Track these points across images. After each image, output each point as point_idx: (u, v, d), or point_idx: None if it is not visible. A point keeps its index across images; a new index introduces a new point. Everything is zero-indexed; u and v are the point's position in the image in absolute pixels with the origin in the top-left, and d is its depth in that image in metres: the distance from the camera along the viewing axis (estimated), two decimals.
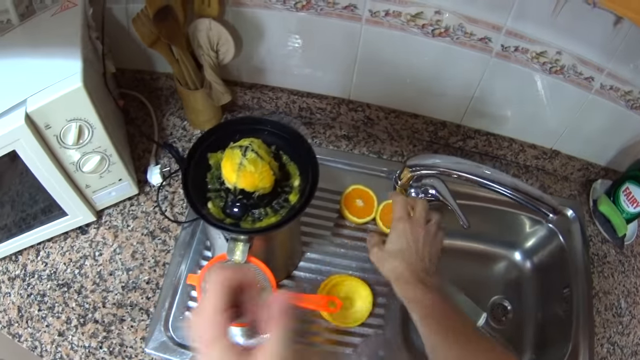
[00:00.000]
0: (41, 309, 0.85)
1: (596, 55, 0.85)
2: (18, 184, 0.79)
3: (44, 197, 0.82)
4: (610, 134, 1.00)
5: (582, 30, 0.81)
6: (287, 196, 0.71)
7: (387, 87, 1.00)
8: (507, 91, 0.95)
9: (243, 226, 0.69)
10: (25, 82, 0.72)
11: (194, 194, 0.69)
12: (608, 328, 0.93)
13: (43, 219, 0.87)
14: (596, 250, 1.01)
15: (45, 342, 0.83)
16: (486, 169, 0.77)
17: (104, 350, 0.82)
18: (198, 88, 0.93)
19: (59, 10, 0.83)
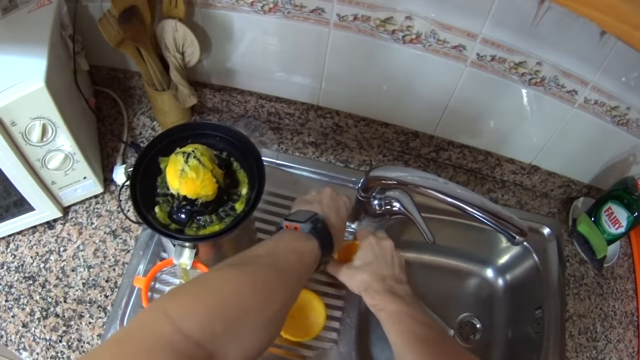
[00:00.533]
0: (8, 300, 0.88)
1: (580, 67, 0.83)
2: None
3: (10, 193, 0.85)
4: (594, 151, 0.98)
5: (565, 40, 0.79)
6: (234, 204, 0.72)
7: (357, 94, 0.99)
8: (484, 102, 0.94)
9: (187, 233, 0.70)
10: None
11: (143, 197, 0.71)
12: (581, 353, 0.91)
13: (14, 212, 0.90)
14: (573, 271, 0.99)
15: (11, 332, 0.86)
16: (454, 187, 0.75)
17: (63, 344, 0.85)
18: (165, 89, 0.94)
19: (35, 7, 0.86)
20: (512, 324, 1.01)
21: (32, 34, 0.82)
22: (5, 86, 0.73)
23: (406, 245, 1.02)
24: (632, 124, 0.90)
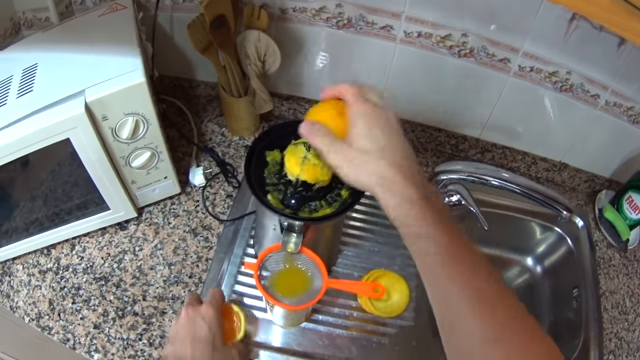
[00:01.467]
0: (75, 302, 0.91)
1: (601, 74, 1.01)
2: (59, 176, 0.85)
3: (86, 191, 0.89)
4: (613, 147, 1.17)
5: (590, 52, 0.98)
6: (339, 191, 0.83)
7: (415, 102, 1.15)
8: (522, 108, 1.11)
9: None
10: (83, 75, 0.78)
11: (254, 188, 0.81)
12: (615, 324, 1.07)
13: (79, 214, 0.94)
14: (602, 254, 1.17)
15: (79, 334, 0.88)
16: (505, 172, 0.92)
17: (144, 342, 0.89)
18: (242, 96, 1.06)
19: (107, 11, 0.93)
20: (553, 305, 1.17)
21: (118, 34, 0.87)
22: (99, 80, 0.77)
23: None
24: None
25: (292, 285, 0.83)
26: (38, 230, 0.93)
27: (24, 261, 0.96)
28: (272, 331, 0.94)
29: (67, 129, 0.76)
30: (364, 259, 1.04)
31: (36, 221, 0.91)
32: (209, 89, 1.19)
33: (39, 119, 0.75)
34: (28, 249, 0.96)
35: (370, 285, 0.87)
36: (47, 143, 0.76)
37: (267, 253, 0.83)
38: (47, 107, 0.75)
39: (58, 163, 0.82)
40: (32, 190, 0.86)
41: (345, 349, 0.93)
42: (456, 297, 0.52)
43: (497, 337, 0.50)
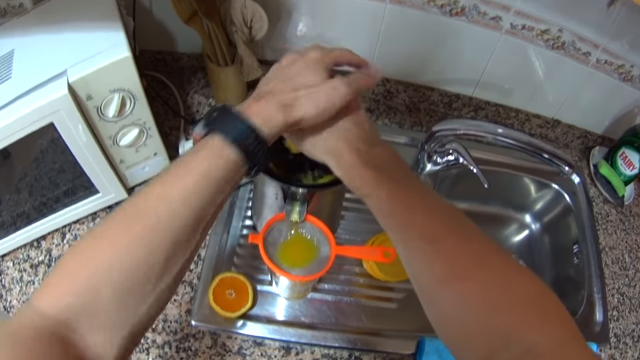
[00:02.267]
0: None
1: (592, 32, 1.02)
2: (44, 163, 0.81)
3: (73, 176, 0.86)
4: (605, 104, 1.19)
5: (581, 10, 0.98)
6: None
7: (406, 62, 1.14)
8: (515, 65, 1.11)
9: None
10: (64, 56, 0.75)
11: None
12: (616, 280, 1.09)
13: (67, 201, 0.90)
14: (599, 210, 1.18)
15: None
16: (502, 128, 0.91)
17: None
18: (228, 64, 1.03)
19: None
20: (554, 262, 1.18)
21: (98, 11, 0.82)
22: (81, 58, 0.73)
23: (457, 196, 1.19)
24: (635, 79, 1.11)
25: (298, 256, 0.81)
26: (26, 222, 0.89)
27: (14, 257, 0.93)
28: (277, 304, 0.93)
29: (50, 113, 0.73)
30: (366, 224, 1.03)
31: (23, 214, 0.87)
32: (192, 60, 1.16)
33: (19, 106, 0.71)
34: (17, 243, 0.92)
35: (379, 249, 0.86)
36: (29, 130, 0.73)
37: (271, 223, 0.81)
38: (27, 93, 0.71)
39: (42, 150, 0.79)
40: (17, 182, 0.82)
41: (353, 317, 0.93)
42: (414, 242, 0.54)
43: (462, 275, 0.50)
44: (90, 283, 0.44)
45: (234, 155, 0.49)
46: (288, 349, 0.89)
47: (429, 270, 0.52)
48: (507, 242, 1.25)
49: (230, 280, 0.90)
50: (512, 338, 0.46)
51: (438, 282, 0.51)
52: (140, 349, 0.85)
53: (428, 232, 0.53)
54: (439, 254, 0.52)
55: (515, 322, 0.47)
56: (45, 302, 0.44)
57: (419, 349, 0.89)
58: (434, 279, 0.52)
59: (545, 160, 0.89)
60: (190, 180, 0.47)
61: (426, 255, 0.52)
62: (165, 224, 0.47)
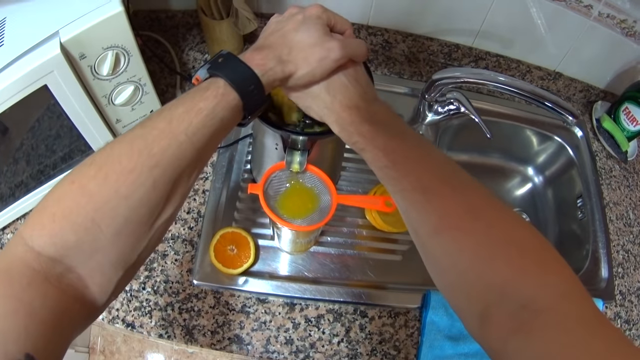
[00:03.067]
0: None
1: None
2: (39, 130, 0.79)
3: (70, 140, 0.84)
4: (607, 59, 1.16)
5: None
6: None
7: (404, 11, 1.11)
8: (515, 15, 1.08)
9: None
10: (55, 17, 0.72)
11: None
12: (621, 236, 1.07)
13: (64, 166, 0.88)
14: (602, 164, 1.16)
15: None
16: (504, 77, 0.88)
17: (148, 291, 0.85)
18: (223, 18, 1.00)
19: None
20: (558, 216, 1.16)
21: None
22: (73, 18, 0.71)
23: (459, 148, 1.17)
24: (638, 35, 1.08)
25: (299, 206, 0.79)
26: (24, 192, 0.87)
27: (14, 228, 0.91)
28: (280, 259, 0.91)
29: (43, 75, 0.70)
30: (367, 174, 1.01)
31: (22, 184, 0.86)
32: (187, 17, 1.13)
33: (13, 71, 0.68)
34: (16, 214, 0.90)
35: (381, 199, 0.83)
36: (24, 94, 0.71)
37: (271, 172, 0.78)
38: (19, 57, 0.69)
39: (38, 117, 0.77)
40: (14, 152, 0.80)
41: (357, 271, 0.91)
42: (410, 193, 0.53)
43: (455, 224, 0.50)
44: (90, 219, 0.43)
45: (236, 99, 0.50)
46: (292, 305, 0.87)
47: (424, 221, 0.52)
48: (510, 195, 1.23)
49: (231, 236, 0.88)
50: (508, 292, 0.45)
51: (433, 232, 0.51)
52: (142, 312, 0.84)
53: (421, 183, 0.52)
54: (432, 204, 0.51)
55: (510, 275, 0.45)
56: (39, 239, 0.42)
57: (425, 302, 0.88)
58: (429, 229, 0.51)
59: (548, 109, 0.87)
60: (195, 118, 0.48)
61: (420, 205, 0.52)
62: (170, 160, 0.46)
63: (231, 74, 0.50)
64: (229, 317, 0.85)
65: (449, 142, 1.14)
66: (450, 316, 0.86)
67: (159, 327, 0.83)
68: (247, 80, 0.51)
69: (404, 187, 0.54)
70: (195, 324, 0.84)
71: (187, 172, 0.49)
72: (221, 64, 0.51)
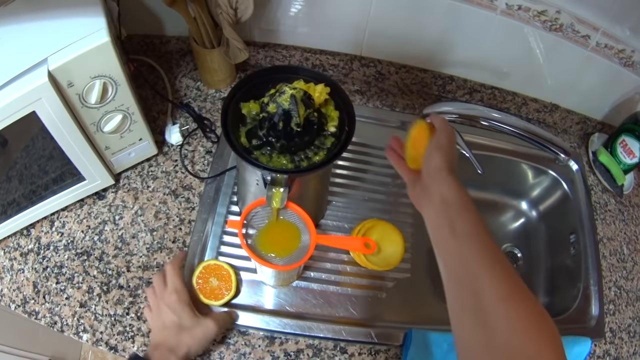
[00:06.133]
0: (59, 282, 0.86)
1: (592, 15, 0.95)
2: (30, 153, 0.79)
3: (60, 164, 0.83)
4: (605, 90, 1.12)
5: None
6: (324, 140, 0.76)
7: (398, 43, 1.08)
8: (511, 47, 1.05)
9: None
10: (46, 42, 0.73)
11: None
12: (614, 272, 1.03)
13: (55, 188, 0.88)
14: (597, 199, 1.12)
15: (66, 315, 0.83)
16: (496, 113, 0.84)
17: (131, 317, 0.84)
18: (215, 47, 0.98)
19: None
20: (550, 250, 1.12)
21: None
22: (61, 45, 0.72)
23: None
24: (636, 65, 1.04)
25: (280, 242, 0.77)
26: (15, 211, 0.87)
27: (5, 245, 0.91)
28: (263, 292, 0.88)
29: (32, 102, 0.70)
30: (354, 209, 0.98)
31: (13, 202, 0.85)
32: (180, 44, 1.11)
33: (1, 96, 0.69)
34: (8, 232, 0.90)
35: (360, 240, 0.81)
36: (11, 120, 0.71)
37: (251, 209, 0.76)
38: (8, 83, 0.69)
39: (28, 139, 0.77)
40: (6, 170, 0.80)
41: (340, 307, 0.88)
42: (470, 256, 0.58)
43: (509, 294, 0.53)
44: None
45: None
46: (272, 339, 0.85)
47: (495, 285, 0.55)
48: (503, 229, 1.19)
49: (213, 268, 0.87)
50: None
51: (503, 298, 0.54)
52: (125, 337, 0.82)
53: (496, 253, 0.57)
54: (506, 273, 0.55)
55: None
56: None
57: (406, 341, 0.85)
58: (499, 295, 0.54)
59: (540, 147, 0.83)
60: None
61: (495, 271, 0.55)
62: None
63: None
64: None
65: None
66: (431, 355, 0.83)
67: (140, 351, 0.81)
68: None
69: (479, 248, 0.58)
70: None
71: None
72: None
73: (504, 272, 0.55)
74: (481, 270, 0.56)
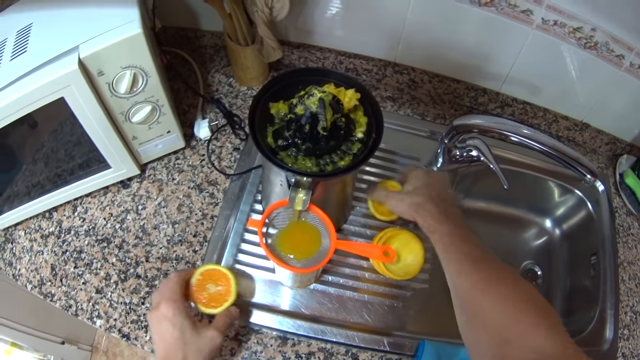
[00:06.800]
0: (77, 266, 0.87)
1: (627, 34, 0.94)
2: (58, 137, 0.80)
3: (86, 150, 0.84)
4: (636, 111, 1.09)
5: (616, 10, 0.90)
6: (351, 145, 0.76)
7: (432, 51, 1.07)
8: (545, 63, 1.03)
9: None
10: (78, 31, 0.74)
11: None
12: (632, 297, 1.01)
13: (81, 174, 0.89)
14: (621, 221, 1.10)
15: (81, 300, 0.84)
16: (526, 129, 0.84)
17: (147, 306, 0.84)
18: (249, 44, 0.98)
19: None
20: (569, 270, 1.11)
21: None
22: (94, 34, 0.72)
23: (477, 195, 1.14)
24: None
25: (300, 244, 0.77)
26: (39, 193, 0.89)
27: (26, 226, 0.92)
28: (280, 293, 0.89)
29: (61, 88, 0.71)
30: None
31: (38, 184, 0.87)
32: (215, 39, 1.12)
33: (31, 80, 0.70)
34: (30, 213, 0.91)
35: (380, 248, 0.80)
36: (40, 104, 0.72)
37: (274, 209, 0.76)
38: (39, 67, 0.70)
39: (57, 123, 0.78)
40: (33, 153, 0.82)
41: (355, 313, 0.88)
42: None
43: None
44: None
45: None
46: (285, 339, 0.85)
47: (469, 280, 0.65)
48: (525, 246, 1.18)
49: (211, 274, 0.81)
50: (523, 339, 0.55)
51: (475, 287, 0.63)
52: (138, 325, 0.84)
53: (472, 256, 0.67)
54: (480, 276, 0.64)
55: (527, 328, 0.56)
56: None
57: (418, 352, 0.84)
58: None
59: (567, 167, 0.82)
60: None
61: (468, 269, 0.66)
62: None
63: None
64: None
65: (467, 189, 1.10)
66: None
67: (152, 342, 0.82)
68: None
69: (458, 258, 0.68)
70: None
71: None
72: None
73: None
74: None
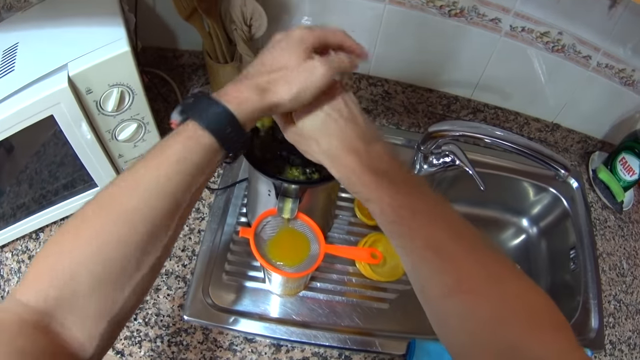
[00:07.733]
0: None
1: (593, 35, 0.99)
2: (44, 157, 0.80)
3: (73, 169, 0.85)
4: (606, 109, 1.15)
5: (581, 13, 0.95)
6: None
7: (405, 63, 1.11)
8: (514, 68, 1.08)
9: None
10: (65, 50, 0.74)
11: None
12: (614, 286, 1.05)
13: (66, 194, 0.89)
14: (597, 215, 1.14)
15: None
16: (499, 131, 0.88)
17: (139, 322, 0.85)
18: (228, 62, 1.01)
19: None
20: (551, 267, 1.14)
21: (100, 6, 0.82)
22: (81, 53, 0.73)
23: (454, 199, 1.16)
24: (637, 84, 1.07)
25: (289, 252, 0.79)
26: (25, 214, 0.88)
27: (13, 248, 0.92)
28: (270, 302, 0.90)
29: (51, 105, 0.72)
30: (360, 223, 1.01)
31: (23, 205, 0.86)
32: (193, 58, 1.14)
33: (21, 98, 0.70)
34: (16, 235, 0.91)
35: (367, 251, 0.83)
36: (30, 122, 0.72)
37: (263, 218, 0.79)
38: (28, 85, 0.71)
39: (44, 143, 0.78)
40: (18, 174, 0.82)
41: (345, 317, 0.90)
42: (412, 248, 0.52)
43: (472, 288, 0.49)
44: (68, 274, 0.43)
45: (208, 140, 0.47)
46: (278, 347, 0.86)
47: (437, 282, 0.50)
48: (504, 246, 1.22)
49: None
50: (519, 352, 0.45)
51: (446, 294, 0.49)
52: (132, 342, 0.84)
53: (434, 241, 0.50)
54: (446, 266, 0.49)
55: (522, 336, 0.45)
56: (27, 293, 0.43)
57: (409, 351, 0.87)
58: (442, 291, 0.50)
59: (541, 164, 0.86)
60: (164, 167, 0.46)
61: (433, 265, 0.50)
62: (140, 214, 0.45)
63: (200, 113, 0.47)
64: (216, 354, 0.84)
65: (444, 193, 1.14)
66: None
67: (147, 357, 0.83)
68: (218, 117, 0.47)
69: (414, 245, 0.51)
70: (183, 357, 0.83)
71: (164, 223, 0.47)
72: (191, 104, 0.48)
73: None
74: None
